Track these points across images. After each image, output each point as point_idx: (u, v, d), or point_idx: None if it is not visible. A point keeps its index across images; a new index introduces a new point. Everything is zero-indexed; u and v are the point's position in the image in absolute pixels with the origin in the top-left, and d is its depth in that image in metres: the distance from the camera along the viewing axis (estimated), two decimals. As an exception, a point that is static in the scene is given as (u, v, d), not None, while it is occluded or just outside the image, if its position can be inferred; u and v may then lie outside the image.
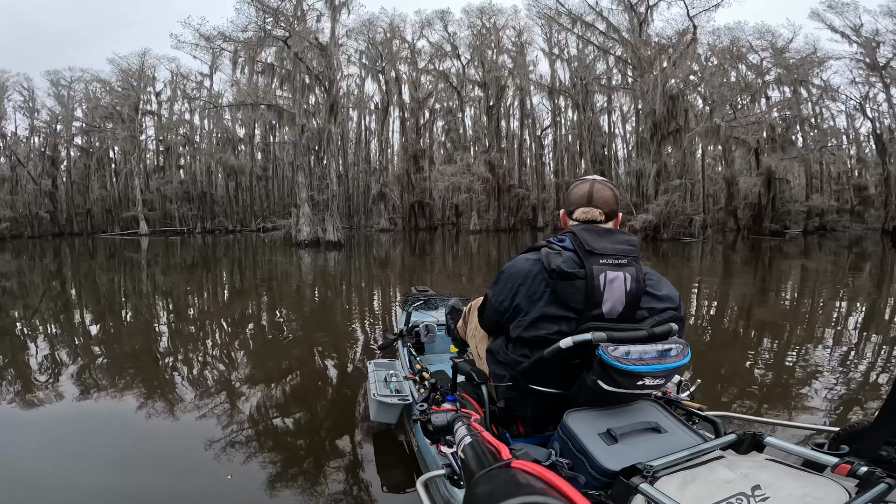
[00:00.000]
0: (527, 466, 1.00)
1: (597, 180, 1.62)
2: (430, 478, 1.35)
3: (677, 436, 1.30)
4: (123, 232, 32.19)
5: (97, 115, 33.26)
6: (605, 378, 1.27)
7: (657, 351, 1.32)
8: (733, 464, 1.12)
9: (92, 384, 3.77)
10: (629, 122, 34.32)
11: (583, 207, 1.58)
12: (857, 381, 3.66)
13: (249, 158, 35.63)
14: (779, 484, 1.01)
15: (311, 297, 8.62)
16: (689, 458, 1.14)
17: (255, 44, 18.23)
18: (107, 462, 2.53)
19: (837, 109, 29.30)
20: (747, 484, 1.02)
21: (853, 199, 30.78)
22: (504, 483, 0.94)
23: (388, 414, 2.37)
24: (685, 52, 20.49)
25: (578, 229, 1.49)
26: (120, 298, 8.66)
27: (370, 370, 2.62)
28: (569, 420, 1.30)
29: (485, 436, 1.23)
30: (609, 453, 1.19)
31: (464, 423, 1.33)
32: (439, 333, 2.95)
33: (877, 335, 5.26)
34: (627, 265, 1.43)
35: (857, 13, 23.83)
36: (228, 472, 2.41)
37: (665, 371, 1.31)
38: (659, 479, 1.05)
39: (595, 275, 1.39)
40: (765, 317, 6.38)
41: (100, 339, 5.48)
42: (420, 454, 2.07)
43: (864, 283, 9.47)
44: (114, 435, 2.92)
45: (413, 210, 33.04)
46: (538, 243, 1.55)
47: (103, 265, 14.82)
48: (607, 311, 1.41)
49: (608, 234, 1.49)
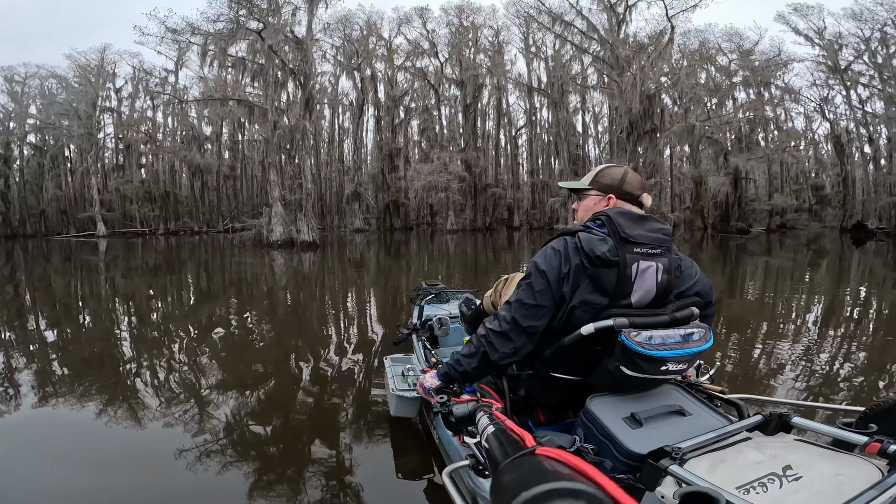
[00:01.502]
0: (552, 453, 1.00)
1: (625, 167, 1.60)
2: (455, 469, 1.33)
3: (702, 418, 1.28)
4: (79, 234, 30.57)
5: (52, 111, 31.53)
6: (628, 363, 1.26)
7: (680, 335, 1.29)
8: (761, 445, 1.11)
9: (49, 393, 3.50)
10: (601, 122, 34.96)
11: (620, 189, 1.54)
12: (872, 363, 3.70)
13: (217, 157, 34.41)
14: (810, 464, 1.00)
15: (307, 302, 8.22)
16: (715, 440, 1.13)
17: (227, 36, 17.38)
18: (70, 473, 2.39)
19: (797, 111, 30.60)
20: (778, 464, 1.00)
21: (811, 198, 32.23)
22: (530, 470, 0.94)
23: (407, 408, 2.37)
24: (663, 52, 20.87)
25: (614, 213, 1.42)
26: (77, 303, 8.12)
27: (387, 366, 2.63)
28: (592, 405, 1.29)
29: (508, 424, 1.23)
30: (635, 437, 1.18)
31: (486, 412, 1.31)
32: (452, 326, 2.97)
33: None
34: (661, 255, 1.39)
35: (820, 16, 24.85)
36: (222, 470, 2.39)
37: (688, 356, 1.29)
38: (687, 461, 1.04)
39: (628, 264, 1.34)
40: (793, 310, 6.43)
41: (57, 345, 5.09)
42: (442, 446, 2.05)
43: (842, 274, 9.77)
44: (78, 443, 2.76)
45: (388, 210, 32.61)
46: (570, 228, 1.47)
47: (58, 268, 13.93)
48: (636, 301, 1.37)
49: (642, 220, 1.43)
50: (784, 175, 31.39)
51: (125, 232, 31.14)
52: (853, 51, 24.74)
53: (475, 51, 31.52)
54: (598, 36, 22.40)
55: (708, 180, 23.13)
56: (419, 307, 3.35)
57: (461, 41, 30.78)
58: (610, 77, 21.73)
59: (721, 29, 26.54)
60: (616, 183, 1.55)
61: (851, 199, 27.84)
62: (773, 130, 29.80)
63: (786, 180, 31.71)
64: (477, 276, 10.82)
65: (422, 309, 3.29)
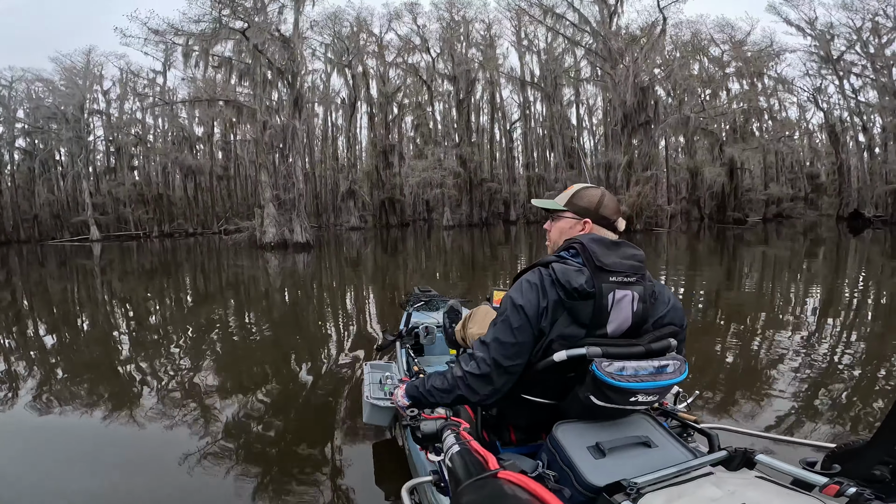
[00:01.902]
0: (514, 477, 1.01)
1: (602, 189, 1.57)
2: (418, 484, 1.34)
3: (667, 451, 1.28)
4: (73, 238, 30.30)
5: (39, 115, 31.15)
6: (597, 394, 1.25)
7: (653, 367, 1.28)
8: (721, 481, 1.11)
9: (47, 397, 3.53)
10: (595, 114, 34.81)
11: (597, 213, 1.50)
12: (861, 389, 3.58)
13: (209, 158, 34.11)
14: (765, 502, 1.01)
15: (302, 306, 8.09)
16: (677, 474, 1.12)
17: (210, 36, 17.06)
18: (74, 476, 2.42)
19: (790, 101, 30.56)
20: (734, 502, 1.00)
21: (806, 187, 32.27)
22: (490, 493, 0.96)
23: (380, 417, 2.34)
24: (656, 43, 20.70)
25: (587, 240, 1.39)
26: (74, 308, 8.09)
27: (366, 372, 2.57)
28: (557, 432, 1.29)
29: (473, 445, 1.24)
30: (595, 468, 1.18)
31: (452, 431, 1.33)
32: (439, 335, 2.89)
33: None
34: (636, 283, 1.36)
35: (811, 6, 24.74)
36: (212, 477, 2.40)
37: (659, 388, 1.28)
38: (644, 496, 1.03)
39: (604, 294, 1.32)
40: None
41: (56, 350, 5.09)
42: (411, 459, 2.05)
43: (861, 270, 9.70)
44: (77, 446, 2.80)
45: (384, 207, 32.45)
46: (544, 259, 1.44)
47: (54, 274, 13.81)
48: (612, 330, 1.35)
49: (616, 247, 1.40)
50: (779, 165, 31.40)
51: (119, 235, 30.87)
52: (845, 41, 24.67)
53: (467, 45, 31.25)
54: (590, 28, 22.18)
55: (704, 171, 23.03)
56: (407, 313, 3.27)
57: (452, 36, 30.51)
58: (603, 69, 21.54)
59: (713, 20, 26.44)
60: (593, 207, 1.51)
61: (847, 188, 27.86)
62: (766, 120, 29.77)
63: (781, 170, 31.73)
64: (475, 273, 10.72)
65: (409, 315, 3.22)
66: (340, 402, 3.35)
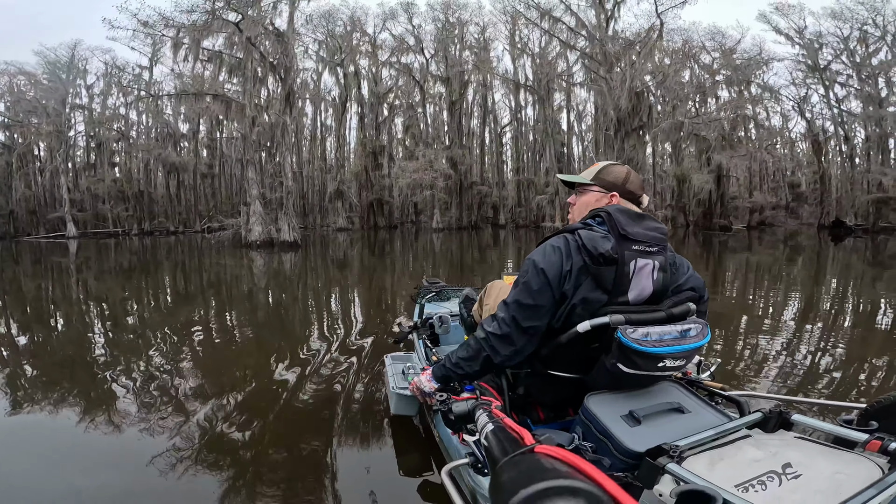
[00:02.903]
0: (551, 451, 1.00)
1: (628, 166, 1.61)
2: (454, 467, 1.32)
3: (702, 415, 1.27)
4: (49, 234, 29.38)
5: (20, 109, 30.23)
6: (625, 361, 1.25)
7: (677, 331, 1.29)
8: (761, 442, 1.10)
9: (20, 398, 3.38)
10: (585, 120, 35.04)
11: (623, 187, 1.53)
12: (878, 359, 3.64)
13: (193, 155, 33.42)
14: (809, 462, 0.99)
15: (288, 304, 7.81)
16: (715, 437, 1.12)
17: (203, 28, 16.62)
18: (46, 479, 2.31)
19: (773, 110, 31.13)
20: (777, 462, 0.99)
21: (788, 195, 32.86)
22: (529, 468, 0.94)
23: (407, 406, 2.33)
24: (653, 48, 20.83)
25: (614, 210, 1.42)
26: (48, 306, 7.73)
27: (387, 364, 2.58)
28: (590, 403, 1.29)
29: (507, 422, 1.23)
30: (633, 435, 1.17)
31: (485, 410, 1.32)
32: (453, 324, 2.94)
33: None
34: (657, 253, 1.40)
35: (801, 15, 25.20)
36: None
37: (686, 352, 1.28)
38: (686, 459, 1.03)
39: (626, 261, 1.34)
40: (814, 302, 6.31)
41: (28, 350, 4.84)
42: (442, 444, 2.05)
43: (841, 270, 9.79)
44: (51, 448, 2.65)
45: (372, 208, 32.15)
46: (570, 226, 1.45)
47: (28, 271, 13.25)
48: (633, 298, 1.37)
49: (640, 218, 1.43)
50: (762, 173, 31.94)
51: (97, 232, 30.01)
52: (832, 50, 25.18)
53: (461, 47, 31.19)
54: (586, 32, 22.27)
55: (692, 177, 23.26)
56: (420, 305, 3.33)
57: (447, 37, 30.45)
58: (598, 74, 21.62)
59: (704, 27, 26.82)
60: (620, 181, 1.54)
61: (828, 197, 28.41)
62: (751, 129, 30.28)
63: (764, 178, 32.28)
64: (463, 275, 10.58)
65: (423, 307, 3.29)
66: (341, 399, 3.25)
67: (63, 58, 29.78)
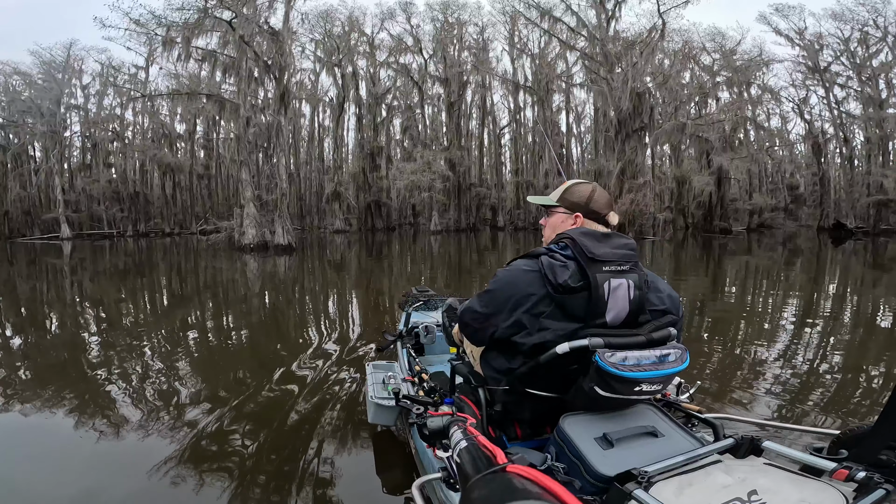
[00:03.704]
0: (522, 471, 1.00)
1: (593, 183, 1.61)
2: (427, 481, 1.34)
3: (674, 440, 1.28)
4: (43, 236, 29.09)
5: (15, 109, 29.94)
6: (602, 384, 1.26)
7: (655, 356, 1.29)
8: (731, 468, 1.11)
9: (11, 401, 3.34)
10: (583, 121, 34.90)
11: (587, 207, 1.54)
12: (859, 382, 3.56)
13: (189, 156, 33.15)
14: (776, 489, 1.00)
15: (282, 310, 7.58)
16: (685, 462, 1.13)
17: (194, 25, 16.34)
18: (39, 483, 2.31)
19: (773, 112, 31.03)
20: (744, 489, 1.00)
21: (787, 197, 32.75)
22: (500, 487, 0.95)
23: (385, 416, 2.31)
24: (655, 48, 20.61)
25: (577, 234, 1.42)
26: (42, 308, 7.70)
27: (368, 372, 2.57)
28: (564, 424, 1.29)
29: (480, 440, 1.25)
30: (604, 458, 1.18)
31: (459, 427, 1.33)
32: (439, 334, 2.92)
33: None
34: (630, 271, 1.38)
35: (801, 16, 25.10)
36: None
37: (662, 377, 1.29)
38: (654, 485, 1.03)
39: (599, 284, 1.33)
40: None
41: (23, 351, 4.84)
42: (417, 457, 2.04)
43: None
44: (42, 452, 2.63)
45: (369, 210, 31.93)
46: (536, 250, 1.46)
47: (22, 272, 13.05)
48: (611, 319, 1.36)
49: (606, 238, 1.43)
50: (762, 175, 31.83)
51: (91, 234, 29.73)
52: (832, 51, 25.07)
53: (460, 48, 30.98)
54: (586, 32, 22.04)
55: (693, 180, 23.06)
56: (406, 314, 3.28)
57: (446, 38, 30.25)
58: (598, 74, 21.39)
59: (704, 29, 26.70)
60: (583, 201, 1.54)
61: (827, 199, 28.29)
62: (751, 131, 30.17)
63: (762, 180, 32.17)
64: (461, 278, 10.41)
65: (409, 315, 3.25)
66: (329, 406, 3.20)
67: (58, 57, 29.56)
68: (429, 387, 2.00)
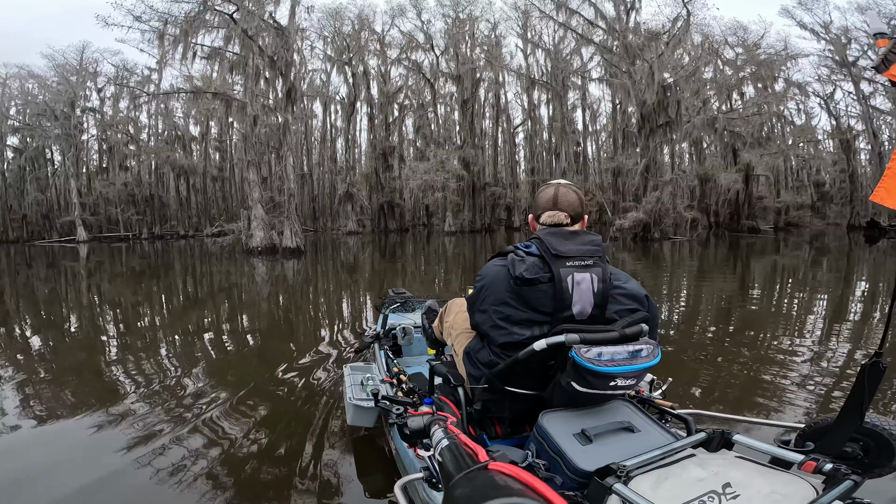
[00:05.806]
0: (504, 468, 1.02)
1: (561, 184, 1.64)
2: (409, 481, 1.35)
3: (650, 435, 1.30)
4: (60, 239, 29.38)
5: (31, 112, 30.36)
6: (579, 379, 1.28)
7: (628, 352, 1.32)
8: (704, 462, 1.13)
9: (30, 404, 3.37)
10: (600, 118, 34.05)
11: (549, 211, 1.60)
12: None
13: (203, 158, 33.19)
14: (748, 482, 1.02)
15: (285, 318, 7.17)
16: (661, 456, 1.15)
17: (194, 19, 15.92)
18: (52, 482, 2.31)
19: (795, 108, 29.92)
20: (718, 482, 1.02)
21: (813, 195, 31.52)
22: (482, 485, 0.96)
23: (364, 418, 2.29)
24: (682, 38, 19.75)
25: (544, 234, 1.50)
26: (61, 311, 7.82)
27: (346, 374, 2.55)
28: (544, 421, 1.31)
29: (461, 438, 1.26)
30: (584, 453, 1.19)
31: (440, 426, 1.35)
32: (416, 336, 2.93)
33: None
34: (594, 266, 1.44)
35: (826, 10, 24.09)
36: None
37: (636, 371, 1.31)
38: (633, 479, 1.05)
39: (562, 277, 1.40)
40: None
41: (41, 354, 4.88)
42: (398, 457, 2.02)
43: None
44: (60, 455, 2.63)
45: (382, 211, 31.57)
46: (507, 248, 1.54)
47: (41, 275, 13.08)
48: (577, 312, 1.42)
49: (573, 236, 1.50)
50: (788, 172, 30.72)
51: (108, 236, 29.93)
52: (858, 45, 24.03)
53: (472, 44, 30.40)
54: (605, 24, 21.23)
55: (719, 177, 22.09)
56: (384, 315, 3.30)
57: (458, 34, 29.72)
58: (618, 68, 20.55)
59: (726, 23, 25.75)
60: (539, 208, 1.62)
61: (858, 196, 27.16)
62: (777, 126, 29.09)
63: (789, 177, 31.04)
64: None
65: (386, 317, 3.27)
66: (317, 407, 3.13)
67: (72, 60, 29.77)
68: (407, 388, 2.00)
